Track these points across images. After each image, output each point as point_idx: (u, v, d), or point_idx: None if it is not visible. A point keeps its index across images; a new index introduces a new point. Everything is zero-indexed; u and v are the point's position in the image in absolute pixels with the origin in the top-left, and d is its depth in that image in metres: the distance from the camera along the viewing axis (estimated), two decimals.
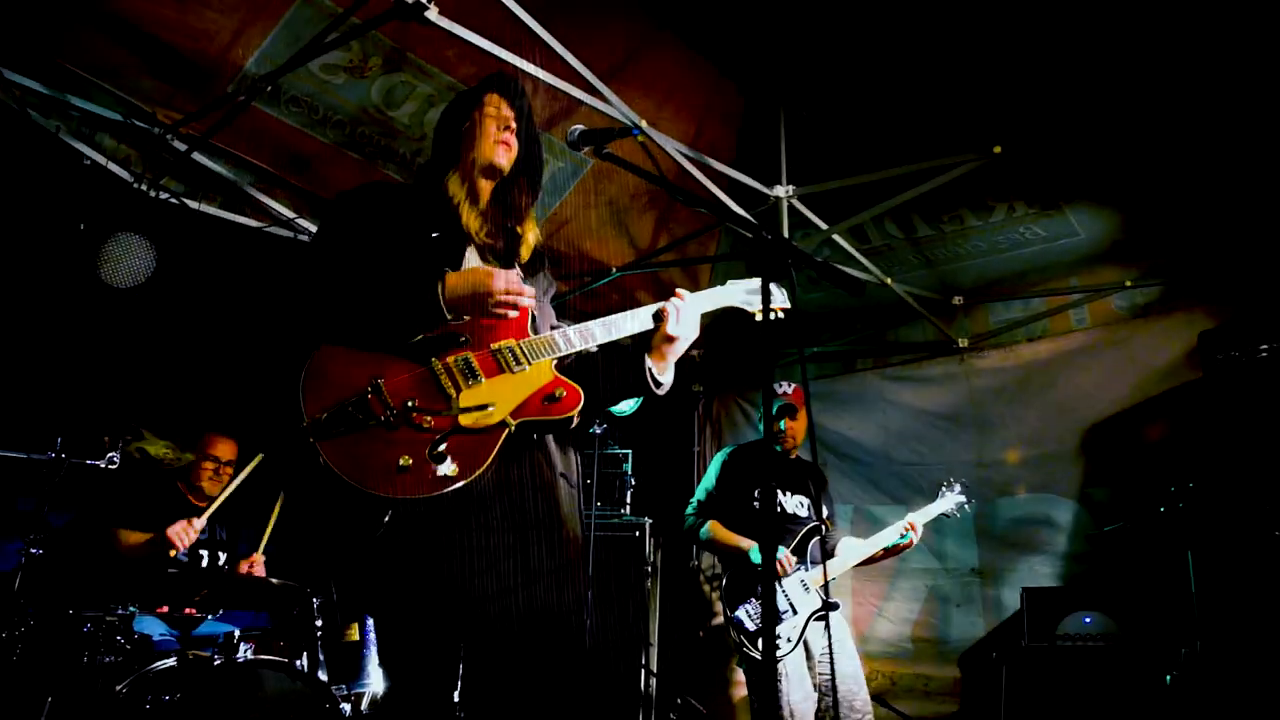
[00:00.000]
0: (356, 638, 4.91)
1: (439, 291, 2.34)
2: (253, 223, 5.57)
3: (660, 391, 2.72)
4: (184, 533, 4.61)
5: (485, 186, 2.69)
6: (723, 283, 2.96)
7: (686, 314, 2.69)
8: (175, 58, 4.57)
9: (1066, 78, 4.72)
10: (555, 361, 2.53)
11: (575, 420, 2.49)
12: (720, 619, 4.63)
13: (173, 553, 4.57)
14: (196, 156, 5.11)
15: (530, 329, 2.54)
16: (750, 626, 4.53)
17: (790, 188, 5.55)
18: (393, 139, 5.28)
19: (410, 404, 2.27)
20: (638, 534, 6.70)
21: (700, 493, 5.13)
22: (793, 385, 5.12)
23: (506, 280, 2.39)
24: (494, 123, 2.67)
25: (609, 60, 5.02)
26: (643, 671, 6.40)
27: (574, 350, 2.56)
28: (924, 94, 5.12)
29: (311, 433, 2.20)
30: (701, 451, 8.02)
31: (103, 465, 4.41)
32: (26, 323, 5.17)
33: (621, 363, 2.68)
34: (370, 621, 4.93)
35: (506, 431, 2.34)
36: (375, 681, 4.83)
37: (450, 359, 2.38)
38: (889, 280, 6.19)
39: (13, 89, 4.56)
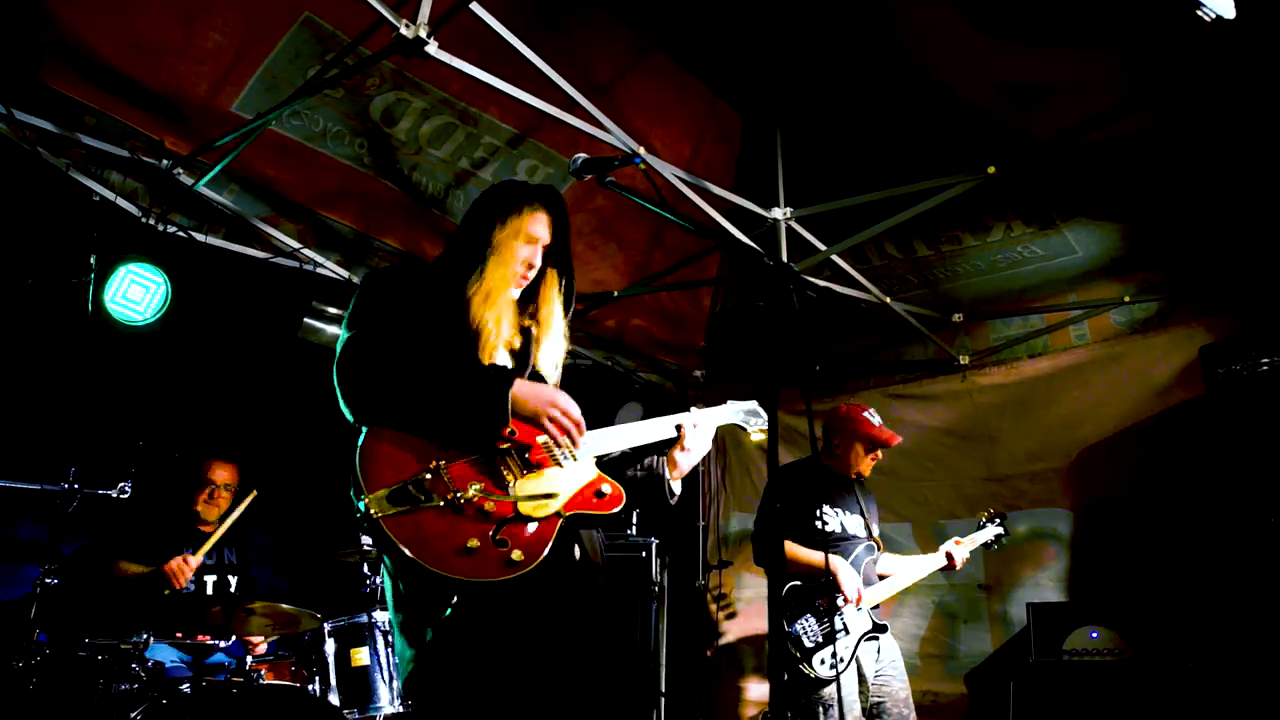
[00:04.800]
0: (366, 662, 4.94)
1: (508, 401, 2.41)
2: (259, 253, 5.64)
3: (673, 502, 2.90)
4: (180, 569, 4.66)
5: (504, 297, 2.66)
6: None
7: (703, 430, 2.87)
8: (180, 82, 4.63)
9: (1060, 97, 4.77)
10: (595, 459, 2.66)
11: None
12: (727, 638, 4.57)
13: (173, 586, 4.64)
14: (202, 188, 5.15)
15: None
16: (807, 644, 4.45)
17: (788, 209, 5.59)
18: (392, 153, 5.35)
19: (477, 488, 2.34)
20: (644, 554, 6.74)
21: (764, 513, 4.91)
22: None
23: (567, 407, 2.51)
24: (523, 245, 2.69)
25: (601, 77, 5.10)
26: (650, 692, 6.42)
27: (617, 451, 2.74)
28: (919, 114, 5.17)
29: (375, 507, 2.23)
30: (706, 471, 8.04)
31: (114, 495, 4.47)
32: (39, 356, 5.25)
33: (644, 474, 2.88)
34: (380, 644, 4.96)
35: (560, 521, 2.44)
36: (386, 705, 4.87)
37: (505, 446, 2.46)
38: (889, 300, 6.23)
39: (24, 129, 4.64)
